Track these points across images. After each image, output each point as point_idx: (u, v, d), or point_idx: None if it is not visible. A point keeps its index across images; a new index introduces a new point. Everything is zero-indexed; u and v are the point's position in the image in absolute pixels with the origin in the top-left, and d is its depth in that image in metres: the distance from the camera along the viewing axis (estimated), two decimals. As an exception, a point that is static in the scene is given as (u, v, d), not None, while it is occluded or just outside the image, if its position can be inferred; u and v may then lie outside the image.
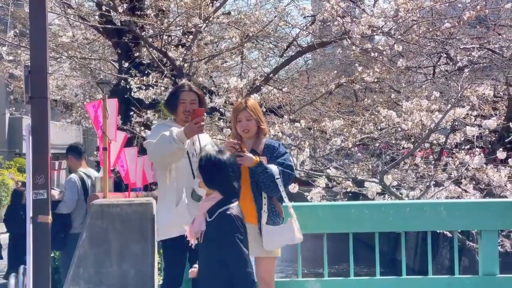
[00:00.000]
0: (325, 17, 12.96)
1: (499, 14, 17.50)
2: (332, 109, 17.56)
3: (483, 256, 6.27)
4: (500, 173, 10.77)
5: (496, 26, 17.25)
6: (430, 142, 12.24)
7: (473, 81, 15.16)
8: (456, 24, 13.08)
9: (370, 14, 12.39)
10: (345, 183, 11.37)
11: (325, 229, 6.41)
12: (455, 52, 15.33)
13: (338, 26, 12.40)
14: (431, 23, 13.33)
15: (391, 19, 12.57)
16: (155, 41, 14.35)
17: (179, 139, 5.56)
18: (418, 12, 12.59)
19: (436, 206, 6.46)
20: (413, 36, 12.35)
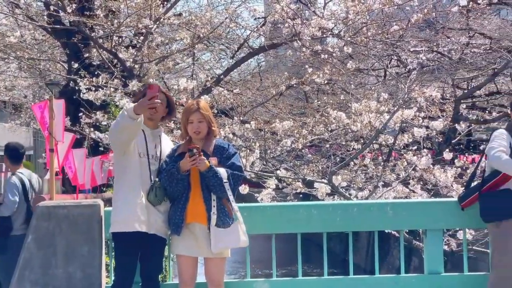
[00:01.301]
0: (275, 18, 13.03)
1: (447, 17, 17.80)
2: (283, 111, 17.67)
3: (428, 255, 6.36)
4: (446, 173, 10.95)
5: (445, 29, 17.54)
6: (379, 143, 12.38)
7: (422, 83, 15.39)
8: (404, 27, 13.26)
9: (320, 16, 12.48)
10: (295, 184, 11.44)
11: (273, 230, 6.44)
12: (406, 54, 15.54)
13: (289, 28, 12.47)
14: (380, 26, 13.49)
15: (341, 21, 12.68)
16: (105, 42, 14.25)
17: (132, 113, 5.53)
18: (368, 15, 12.72)
19: (383, 206, 6.54)
20: (362, 38, 12.46)
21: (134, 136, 5.72)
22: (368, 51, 14.63)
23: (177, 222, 5.74)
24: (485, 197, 6.10)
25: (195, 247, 5.77)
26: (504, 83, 17.70)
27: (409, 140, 12.17)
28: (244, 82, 19.82)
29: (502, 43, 16.09)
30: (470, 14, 17.13)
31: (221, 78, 14.27)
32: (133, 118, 5.54)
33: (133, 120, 5.55)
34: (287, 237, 6.77)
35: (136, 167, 5.79)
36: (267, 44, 14.26)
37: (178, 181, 5.71)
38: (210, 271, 5.85)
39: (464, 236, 6.76)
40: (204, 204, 5.74)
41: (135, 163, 5.80)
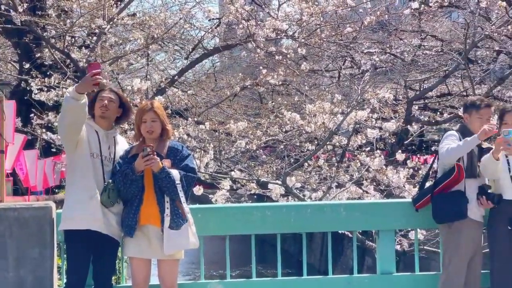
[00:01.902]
0: (230, 20, 13.03)
1: (400, 19, 17.98)
2: (238, 112, 17.68)
3: (380, 255, 6.42)
4: (399, 174, 11.08)
5: (397, 31, 17.72)
6: (333, 144, 12.47)
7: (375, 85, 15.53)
8: (357, 29, 13.37)
9: (275, 18, 12.52)
10: (249, 185, 11.46)
11: (227, 231, 6.44)
12: (359, 56, 15.67)
13: (243, 29, 12.48)
14: (334, 27, 13.58)
15: (295, 23, 12.74)
16: (58, 42, 14.08)
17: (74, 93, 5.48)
18: (321, 16, 12.79)
19: (336, 207, 6.59)
20: (316, 39, 12.53)
21: (80, 120, 5.63)
22: (322, 53, 14.72)
23: (130, 224, 5.70)
24: (437, 198, 6.19)
25: (148, 249, 5.73)
26: (455, 84, 17.93)
27: (362, 141, 12.29)
28: (198, 83, 19.78)
29: (453, 45, 16.31)
30: (422, 16, 17.33)
31: (175, 79, 14.22)
32: (76, 98, 5.48)
33: (77, 100, 5.48)
34: (242, 237, 6.78)
35: (89, 167, 5.74)
36: (221, 45, 14.27)
37: (132, 182, 5.67)
38: (163, 273, 5.83)
39: (416, 236, 6.84)
40: (158, 206, 5.71)
41: (88, 163, 5.75)
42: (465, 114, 6.46)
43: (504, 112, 6.33)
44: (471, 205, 6.14)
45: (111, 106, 5.88)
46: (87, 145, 5.75)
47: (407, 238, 11.04)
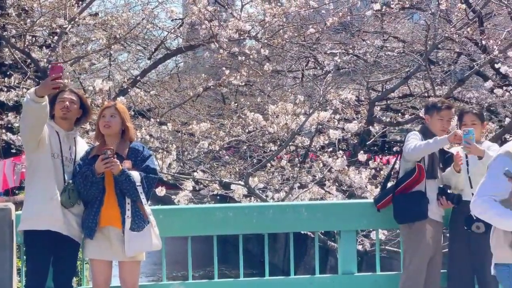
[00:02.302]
0: (193, 20, 12.99)
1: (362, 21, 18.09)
2: (201, 112, 17.66)
3: (342, 255, 6.46)
4: (361, 174, 11.15)
5: (360, 32, 17.83)
6: (295, 145, 12.51)
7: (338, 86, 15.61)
8: (320, 30, 13.43)
9: (238, 18, 12.51)
10: (212, 186, 11.45)
11: (190, 232, 6.43)
12: (322, 57, 15.73)
13: (206, 29, 12.45)
14: (297, 28, 13.62)
15: (258, 23, 12.75)
16: (18, 42, 13.90)
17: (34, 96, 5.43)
18: (284, 17, 12.82)
19: (298, 208, 6.61)
20: (279, 40, 12.56)
21: (41, 121, 5.59)
22: (285, 53, 14.75)
23: (91, 225, 5.66)
24: (398, 199, 6.24)
25: (109, 251, 5.70)
26: (417, 85, 18.09)
27: (325, 142, 12.34)
28: (162, 83, 19.69)
29: (415, 47, 16.45)
30: (384, 18, 17.47)
31: (138, 79, 14.14)
32: (36, 101, 5.43)
33: (37, 103, 5.44)
34: (205, 238, 6.77)
35: (50, 167, 5.69)
36: (184, 46, 14.21)
37: (92, 184, 5.64)
38: (124, 274, 5.80)
39: (377, 236, 6.90)
40: (119, 207, 5.68)
41: (49, 164, 5.70)
42: (426, 116, 6.54)
43: (462, 113, 6.43)
44: (432, 206, 6.21)
45: (72, 108, 5.85)
46: (48, 146, 5.70)
47: (369, 238, 11.11)
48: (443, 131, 6.36)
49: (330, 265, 17.46)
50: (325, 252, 16.79)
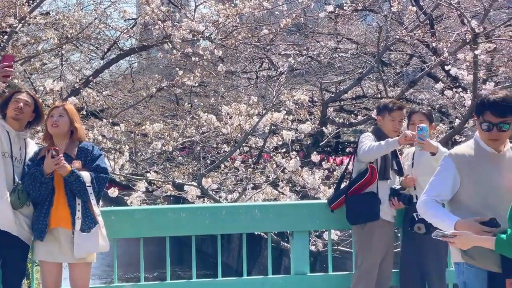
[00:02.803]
0: (146, 20, 12.92)
1: (316, 22, 18.20)
2: (155, 113, 17.57)
3: (294, 256, 6.47)
4: (314, 175, 11.21)
5: (314, 33, 17.93)
6: (249, 146, 12.52)
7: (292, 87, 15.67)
8: (274, 31, 13.47)
9: (191, 19, 12.48)
10: (165, 187, 11.40)
11: (142, 234, 6.37)
12: (276, 58, 15.78)
13: (159, 30, 12.39)
14: (251, 29, 13.65)
15: (211, 24, 12.74)
16: (-33, 41, 13.66)
17: None
18: (238, 18, 12.83)
19: (251, 208, 6.60)
20: (233, 41, 12.56)
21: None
22: (239, 54, 14.76)
23: (41, 227, 5.58)
24: (351, 200, 6.28)
25: (59, 253, 5.63)
26: (370, 87, 18.26)
27: (278, 143, 12.38)
28: (115, 84, 19.54)
29: (368, 48, 16.61)
30: (338, 19, 17.59)
31: (90, 80, 14.00)
32: None
33: None
34: (159, 239, 6.73)
35: (0, 167, 5.60)
36: (137, 46, 14.13)
37: (41, 184, 5.56)
38: (74, 276, 5.73)
39: (329, 237, 6.92)
40: (69, 208, 5.61)
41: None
42: (378, 117, 6.60)
43: (411, 113, 6.52)
44: (383, 206, 6.27)
45: (26, 110, 5.79)
46: None
47: (322, 238, 11.17)
48: (395, 132, 6.42)
49: (284, 265, 17.52)
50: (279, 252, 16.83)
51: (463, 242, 4.25)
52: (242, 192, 10.98)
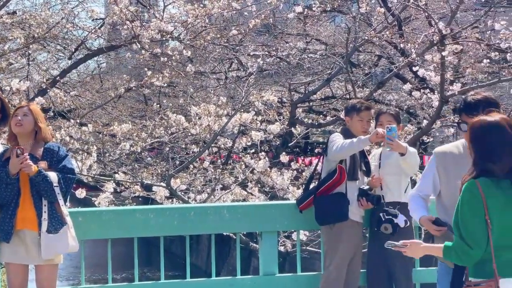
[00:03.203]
0: (114, 20, 12.84)
1: (285, 23, 18.24)
2: (123, 113, 17.48)
3: (263, 256, 6.47)
4: (283, 176, 11.23)
5: (283, 34, 17.98)
6: (218, 146, 12.51)
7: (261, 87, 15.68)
8: (243, 31, 13.47)
9: (160, 19, 12.44)
10: (133, 187, 11.34)
11: (109, 235, 6.33)
12: (246, 58, 15.79)
13: (128, 30, 12.33)
14: (220, 30, 13.64)
15: (180, 24, 12.70)
16: None
17: None
18: (207, 19, 12.81)
19: (220, 209, 6.58)
20: (201, 41, 12.54)
21: None
22: (207, 55, 14.74)
23: (7, 229, 5.52)
24: (319, 200, 6.30)
25: (25, 254, 5.57)
26: (338, 87, 18.34)
27: (247, 143, 12.38)
28: (83, 84, 19.40)
29: (337, 49, 16.69)
30: (307, 20, 17.64)
31: (57, 80, 13.88)
32: None
33: None
34: (127, 240, 6.70)
35: None
36: (105, 46, 14.05)
37: (7, 185, 5.50)
38: (41, 278, 5.67)
39: (298, 237, 6.94)
40: (35, 209, 5.55)
41: None
42: (346, 117, 6.62)
43: (379, 114, 6.55)
44: (352, 207, 6.29)
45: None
46: None
47: (291, 239, 11.19)
48: (364, 132, 6.45)
49: (253, 266, 17.52)
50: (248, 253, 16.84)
51: (413, 251, 4.36)
52: (211, 193, 10.97)
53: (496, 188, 4.03)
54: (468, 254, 4.05)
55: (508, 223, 4.05)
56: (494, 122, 4.11)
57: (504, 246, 4.05)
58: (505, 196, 4.03)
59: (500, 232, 4.04)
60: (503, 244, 4.05)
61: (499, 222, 4.03)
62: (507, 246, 4.06)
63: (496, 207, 4.03)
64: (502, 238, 4.05)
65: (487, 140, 4.09)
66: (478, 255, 4.04)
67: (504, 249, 4.05)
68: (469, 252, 4.04)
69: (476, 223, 4.03)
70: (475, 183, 4.05)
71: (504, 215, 4.04)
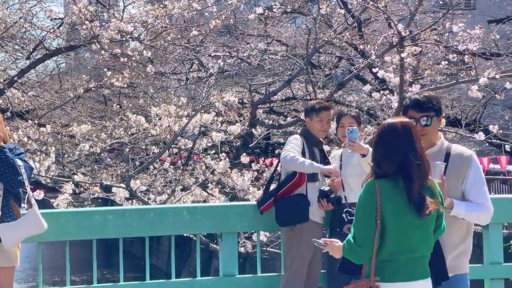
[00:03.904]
0: (73, 20, 12.72)
1: (246, 24, 18.26)
2: (83, 114, 17.33)
3: (223, 257, 6.44)
4: (244, 177, 11.23)
5: (244, 35, 17.99)
6: (178, 147, 12.46)
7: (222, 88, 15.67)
8: (203, 32, 13.44)
9: (120, 19, 12.35)
10: (92, 188, 11.24)
11: (68, 237, 6.25)
12: (206, 59, 15.77)
13: (87, 30, 12.22)
14: (181, 30, 13.59)
15: (140, 25, 12.63)
16: None
17: None
18: (167, 19, 12.76)
19: (179, 210, 6.54)
20: (162, 42, 12.48)
21: None
22: (168, 55, 14.68)
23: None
24: (280, 202, 6.29)
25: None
26: (299, 88, 18.42)
27: (208, 144, 12.36)
28: (41, 84, 19.18)
29: (297, 51, 16.75)
30: (268, 21, 17.69)
31: (15, 80, 13.71)
32: None
33: None
34: (86, 242, 6.62)
35: None
36: (64, 46, 13.92)
37: None
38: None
39: (258, 238, 6.93)
40: None
41: None
42: (306, 118, 6.63)
43: (340, 115, 6.56)
44: (312, 208, 6.29)
45: None
46: None
47: (251, 240, 11.19)
48: (323, 132, 6.49)
49: (213, 267, 17.51)
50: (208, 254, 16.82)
51: (331, 250, 4.50)
52: (171, 194, 10.92)
53: (395, 190, 4.11)
54: (355, 252, 4.18)
55: (403, 227, 4.11)
56: (395, 125, 4.24)
57: (401, 250, 4.12)
58: (403, 201, 4.09)
59: (396, 236, 4.11)
60: (399, 248, 4.12)
61: (395, 225, 4.10)
62: (403, 250, 4.12)
63: (393, 211, 4.10)
64: (398, 242, 4.11)
65: (388, 141, 4.20)
66: (366, 254, 4.14)
67: (400, 253, 4.12)
68: (357, 250, 4.16)
69: (367, 224, 4.12)
70: (373, 184, 4.14)
71: (400, 219, 4.11)
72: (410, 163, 4.11)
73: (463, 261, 4.84)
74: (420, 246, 4.16)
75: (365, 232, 4.13)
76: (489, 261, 6.48)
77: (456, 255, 4.68)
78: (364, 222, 4.14)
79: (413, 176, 4.10)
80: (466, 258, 4.87)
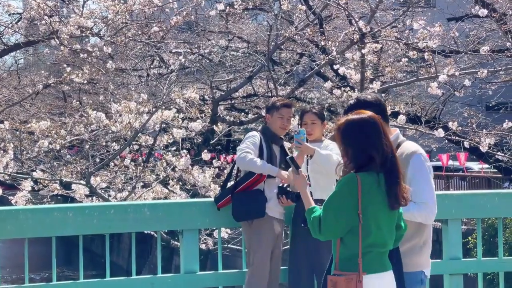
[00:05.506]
0: (32, 15, 12.56)
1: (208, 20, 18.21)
2: (42, 110, 17.16)
3: (184, 254, 6.41)
4: (205, 174, 11.20)
5: (205, 32, 17.96)
6: (139, 144, 12.38)
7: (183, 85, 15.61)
8: (164, 28, 13.37)
9: (79, 15, 12.22)
10: (52, 185, 11.11)
11: (26, 234, 6.17)
12: (167, 55, 15.69)
13: (46, 25, 12.08)
14: (141, 26, 13.50)
15: (100, 20, 12.52)
16: None
17: None
18: (128, 15, 12.66)
19: (140, 207, 6.49)
20: (122, 38, 12.38)
21: None
22: (129, 51, 14.58)
23: None
24: (236, 198, 6.29)
25: None
26: (260, 85, 18.45)
27: (169, 141, 12.30)
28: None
29: (259, 47, 16.75)
30: (229, 18, 17.66)
31: (-28, 76, 13.52)
32: None
33: None
34: (45, 239, 6.54)
35: None
36: (22, 42, 13.74)
37: None
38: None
39: (219, 235, 6.92)
40: None
41: None
42: (267, 115, 6.63)
43: (303, 113, 6.57)
44: (270, 204, 6.29)
45: None
46: None
47: (212, 237, 11.18)
48: (283, 129, 6.49)
49: (175, 264, 17.44)
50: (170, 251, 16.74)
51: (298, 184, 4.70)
52: (131, 191, 10.85)
53: (376, 185, 4.11)
54: (315, 234, 4.25)
55: (380, 220, 4.14)
56: (367, 118, 4.23)
57: (377, 243, 4.15)
58: (382, 194, 4.11)
59: (375, 229, 4.13)
60: (376, 241, 4.15)
61: (374, 219, 4.12)
62: (378, 243, 4.15)
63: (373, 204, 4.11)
64: (376, 236, 4.14)
65: (364, 134, 4.17)
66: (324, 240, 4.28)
67: (376, 246, 4.15)
68: (318, 236, 4.23)
69: (338, 217, 4.13)
70: (355, 178, 4.11)
71: (378, 212, 4.13)
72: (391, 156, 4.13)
73: (413, 258, 4.76)
74: (389, 239, 4.21)
75: (332, 224, 4.14)
76: (448, 256, 6.53)
77: (403, 252, 4.63)
78: (335, 214, 4.13)
79: (393, 168, 4.12)
80: (418, 255, 4.80)
